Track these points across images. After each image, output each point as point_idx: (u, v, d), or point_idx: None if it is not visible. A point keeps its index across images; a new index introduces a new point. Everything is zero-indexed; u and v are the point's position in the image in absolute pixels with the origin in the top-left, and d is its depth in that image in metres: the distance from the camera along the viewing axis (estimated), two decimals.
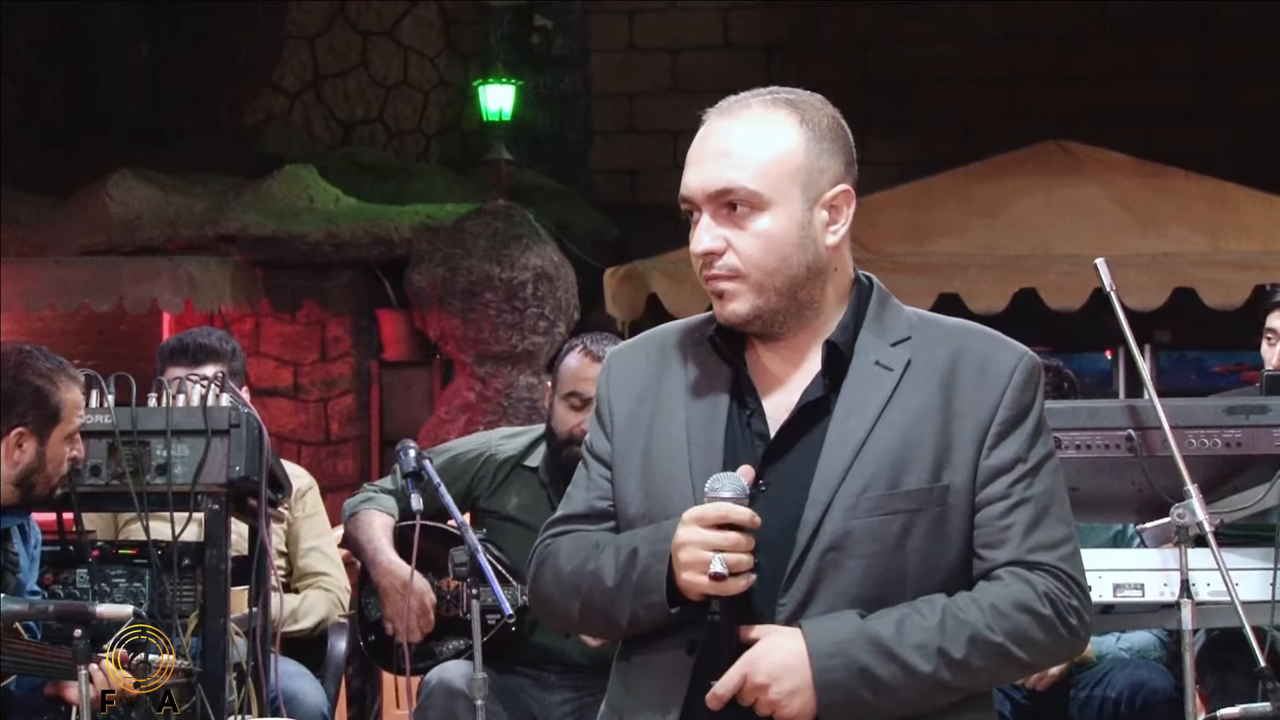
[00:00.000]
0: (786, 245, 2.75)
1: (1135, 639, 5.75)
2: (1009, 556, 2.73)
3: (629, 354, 2.96)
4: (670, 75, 13.13)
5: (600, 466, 2.90)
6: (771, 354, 2.83)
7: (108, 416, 4.49)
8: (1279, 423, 4.34)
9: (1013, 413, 2.77)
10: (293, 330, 11.49)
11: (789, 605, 2.70)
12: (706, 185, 2.76)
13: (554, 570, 2.87)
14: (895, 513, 2.70)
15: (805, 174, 2.78)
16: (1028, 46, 12.91)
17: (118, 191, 11.06)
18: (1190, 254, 9.62)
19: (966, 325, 2.90)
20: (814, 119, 2.84)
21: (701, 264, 2.78)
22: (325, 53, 13.13)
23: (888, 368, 2.77)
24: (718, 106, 2.86)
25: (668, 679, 2.75)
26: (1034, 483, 2.77)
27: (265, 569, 4.69)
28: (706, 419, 2.80)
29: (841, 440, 2.73)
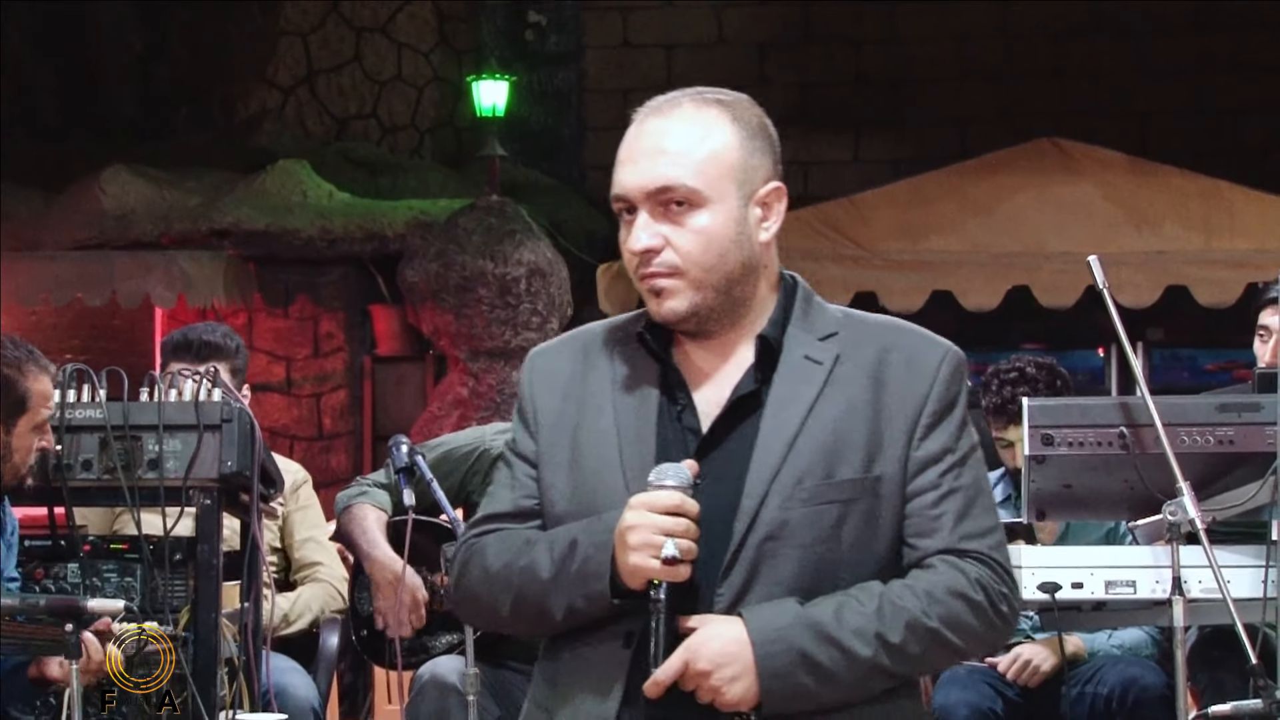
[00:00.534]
0: (724, 242, 2.79)
1: (1127, 636, 5.75)
2: (941, 545, 2.78)
3: (552, 353, 2.98)
4: (664, 72, 13.13)
5: (525, 465, 2.92)
6: (699, 350, 2.86)
7: (99, 411, 4.48)
8: (1271, 420, 4.34)
9: (940, 405, 2.83)
10: (285, 325, 11.49)
11: (727, 594, 2.73)
12: (645, 183, 2.79)
13: (482, 567, 2.88)
14: (830, 503, 2.75)
15: (740, 171, 2.82)
16: (1021, 44, 12.92)
17: (111, 186, 11.05)
18: (1183, 252, 9.63)
19: (892, 321, 2.96)
20: (745, 118, 2.88)
21: (638, 262, 2.80)
22: (319, 48, 13.12)
23: (817, 362, 2.82)
24: (648, 105, 2.89)
25: (604, 672, 2.77)
26: (962, 473, 2.83)
27: (257, 564, 4.69)
28: (636, 414, 2.83)
29: (776, 433, 2.77)
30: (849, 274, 9.69)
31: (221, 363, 5.29)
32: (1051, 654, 5.61)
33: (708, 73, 13.00)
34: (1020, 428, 4.68)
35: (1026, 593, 4.60)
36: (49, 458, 4.45)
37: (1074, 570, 4.59)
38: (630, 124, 2.87)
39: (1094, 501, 4.68)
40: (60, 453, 4.46)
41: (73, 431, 4.47)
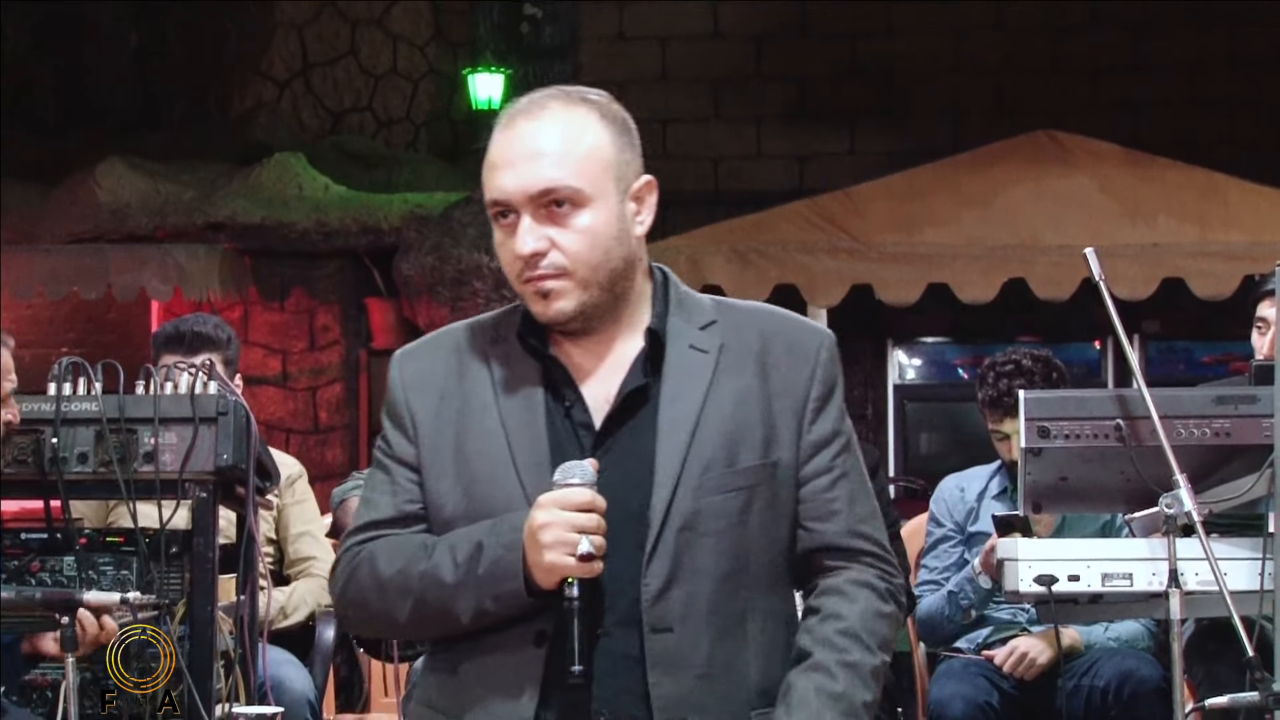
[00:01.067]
0: (608, 239, 2.81)
1: (1123, 629, 5.75)
2: (841, 528, 2.87)
3: (422, 354, 2.98)
4: (660, 65, 13.13)
5: (405, 470, 2.91)
6: (578, 348, 2.88)
7: (95, 404, 4.47)
8: (1268, 413, 4.34)
9: (825, 389, 2.89)
10: (281, 319, 11.48)
11: (654, 584, 2.76)
12: (526, 186, 2.78)
13: (373, 575, 2.86)
14: (736, 490, 2.80)
15: (616, 167, 2.83)
16: (1017, 37, 12.92)
17: (106, 180, 11.04)
18: (1179, 244, 9.63)
19: (765, 307, 3.00)
20: (611, 114, 2.88)
21: (523, 266, 2.80)
22: (314, 41, 13.11)
23: (703, 350, 2.86)
24: (514, 109, 2.88)
25: (516, 673, 2.77)
26: (849, 456, 2.92)
27: (253, 557, 4.68)
28: (523, 413, 2.84)
29: (675, 423, 2.80)
30: (844, 267, 9.69)
31: (213, 354, 5.27)
32: (1048, 647, 5.61)
33: (703, 66, 13.01)
34: (1016, 420, 4.68)
35: (1023, 585, 4.61)
36: (45, 447, 4.44)
37: (1070, 563, 4.59)
38: (497, 126, 2.86)
39: (1090, 494, 4.67)
40: (56, 445, 4.45)
41: (68, 424, 4.46)
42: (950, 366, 12.87)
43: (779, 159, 12.94)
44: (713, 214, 11.10)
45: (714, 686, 2.78)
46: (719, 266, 9.72)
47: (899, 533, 5.94)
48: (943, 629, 5.86)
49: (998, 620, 5.87)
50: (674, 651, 2.76)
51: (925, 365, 12.99)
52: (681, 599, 2.77)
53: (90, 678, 4.48)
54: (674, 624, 2.76)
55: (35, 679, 4.52)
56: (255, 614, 4.70)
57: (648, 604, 2.76)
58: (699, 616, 2.77)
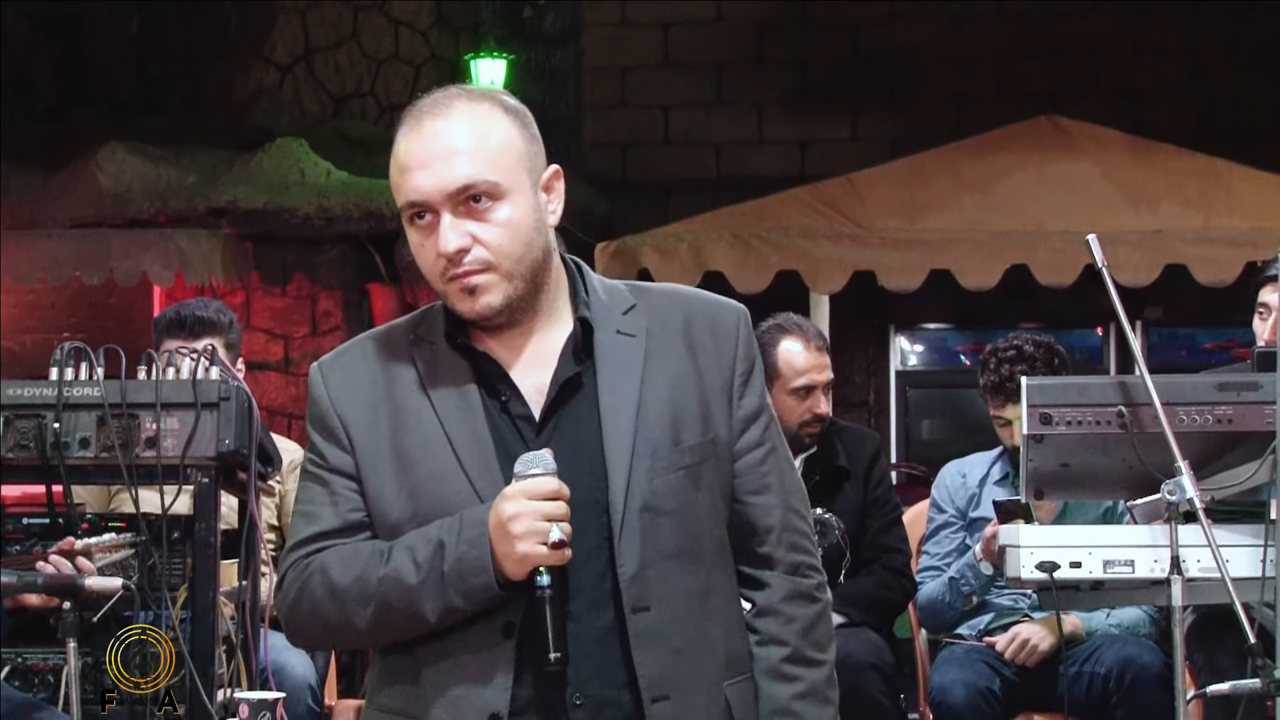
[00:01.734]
0: (528, 230, 2.84)
1: (1125, 615, 5.76)
2: (776, 502, 2.96)
3: (344, 364, 2.98)
4: (662, 51, 13.11)
5: (344, 480, 2.91)
6: (501, 342, 2.90)
7: (96, 389, 4.47)
8: (1270, 399, 4.34)
9: (747, 364, 2.96)
10: (283, 304, 11.48)
11: (627, 565, 2.80)
12: (444, 185, 2.81)
13: (326, 585, 2.86)
14: (685, 468, 2.86)
15: (526, 159, 2.87)
16: (1019, 23, 12.90)
17: (108, 164, 11.03)
18: (1181, 231, 9.62)
19: (679, 288, 3.06)
20: (512, 108, 2.91)
21: (446, 264, 2.82)
22: (316, 26, 13.09)
23: (630, 334, 2.90)
24: (418, 110, 2.91)
25: (484, 666, 2.79)
26: (774, 429, 3.00)
27: (255, 542, 4.68)
28: (461, 412, 2.85)
29: (618, 408, 2.84)
30: (846, 253, 9.68)
31: (215, 338, 5.28)
32: (1049, 633, 5.61)
33: (705, 52, 12.99)
34: (1018, 406, 4.68)
35: (1025, 571, 4.61)
36: (46, 432, 4.44)
37: (1072, 549, 4.59)
38: (402, 129, 2.90)
39: (1092, 481, 4.67)
40: (58, 430, 4.45)
41: (70, 409, 4.45)
42: (952, 353, 12.87)
43: (781, 145, 12.93)
44: (714, 200, 11.10)
45: (689, 662, 2.83)
46: (720, 253, 9.71)
47: (900, 519, 5.95)
48: (944, 615, 5.86)
49: (999, 607, 5.87)
50: (654, 629, 2.80)
51: (927, 351, 12.99)
52: (654, 578, 2.81)
53: (92, 662, 4.48)
54: (651, 603, 2.81)
55: (37, 664, 4.52)
56: (257, 599, 4.70)
57: (626, 584, 2.79)
58: (670, 594, 2.82)
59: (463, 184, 2.80)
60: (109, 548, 4.28)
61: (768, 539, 2.95)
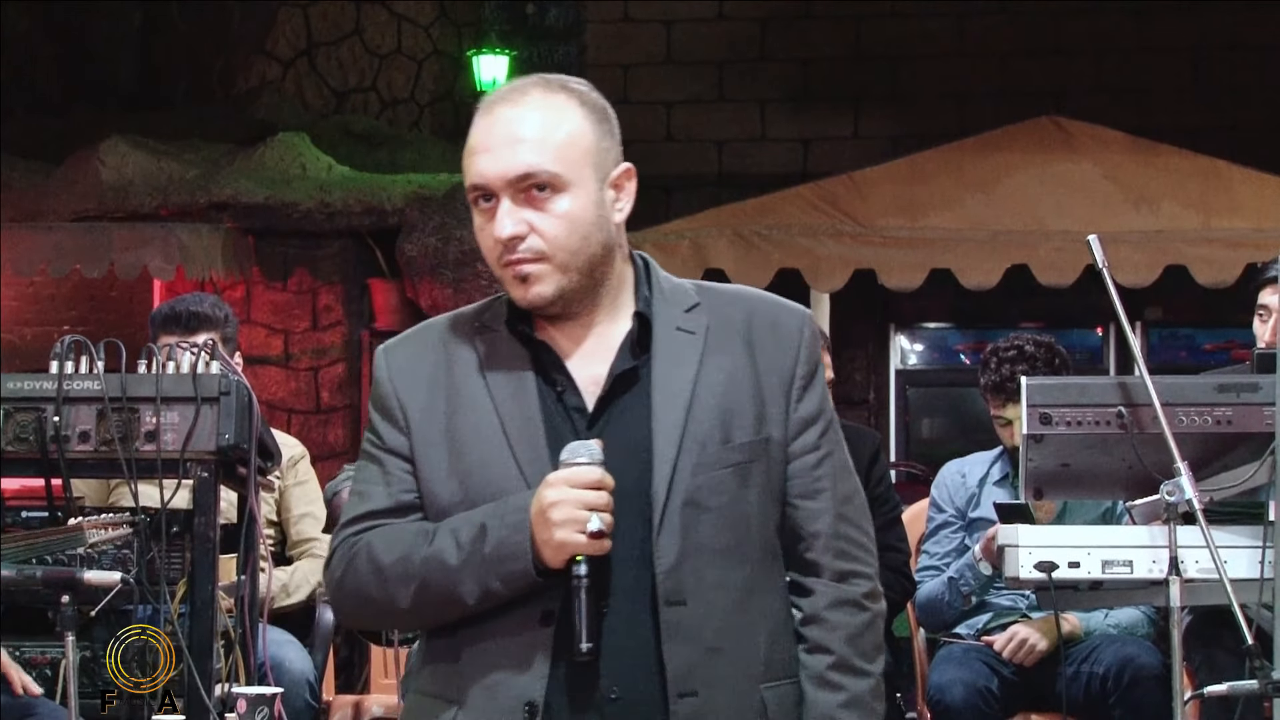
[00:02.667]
0: (586, 225, 2.84)
1: (1123, 616, 5.76)
2: (826, 506, 2.93)
3: (408, 348, 3.00)
4: (664, 47, 13.11)
5: (398, 461, 2.93)
6: (561, 333, 2.91)
7: (97, 382, 4.47)
8: (1269, 400, 4.34)
9: (809, 368, 2.95)
10: (284, 298, 11.47)
11: (665, 558, 2.80)
12: (505, 171, 2.82)
13: (371, 564, 2.88)
14: (733, 465, 2.85)
15: (595, 154, 2.87)
16: (1021, 21, 12.90)
17: (110, 158, 11.03)
18: (1182, 231, 9.61)
19: (745, 289, 3.07)
20: (591, 102, 2.91)
21: (502, 250, 2.83)
22: (319, 20, 13.09)
23: (690, 332, 2.91)
24: (495, 95, 2.93)
25: (523, 653, 2.80)
26: (833, 435, 2.98)
27: (254, 537, 4.68)
28: (516, 399, 2.87)
29: (669, 402, 2.84)
30: (847, 251, 9.68)
31: (211, 333, 5.28)
32: (1047, 633, 5.61)
33: (707, 49, 12.99)
34: (1018, 405, 4.68)
35: (1023, 571, 4.61)
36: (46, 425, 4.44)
37: (1071, 549, 4.59)
38: (477, 112, 2.92)
39: (1091, 481, 4.68)
40: (58, 424, 4.45)
41: (70, 403, 4.46)
42: (953, 352, 12.86)
43: (783, 142, 12.93)
44: (716, 197, 11.09)
45: (724, 660, 2.82)
46: (722, 250, 9.71)
47: (900, 518, 5.95)
48: (943, 615, 5.86)
49: (998, 606, 5.87)
50: (688, 624, 2.80)
51: (927, 350, 12.98)
52: (692, 573, 2.81)
53: (90, 655, 4.48)
54: (687, 597, 2.80)
55: (35, 657, 4.53)
56: (255, 594, 4.70)
57: (662, 577, 2.79)
58: (708, 590, 2.82)
59: (523, 171, 2.81)
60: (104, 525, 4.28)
61: (814, 545, 2.93)
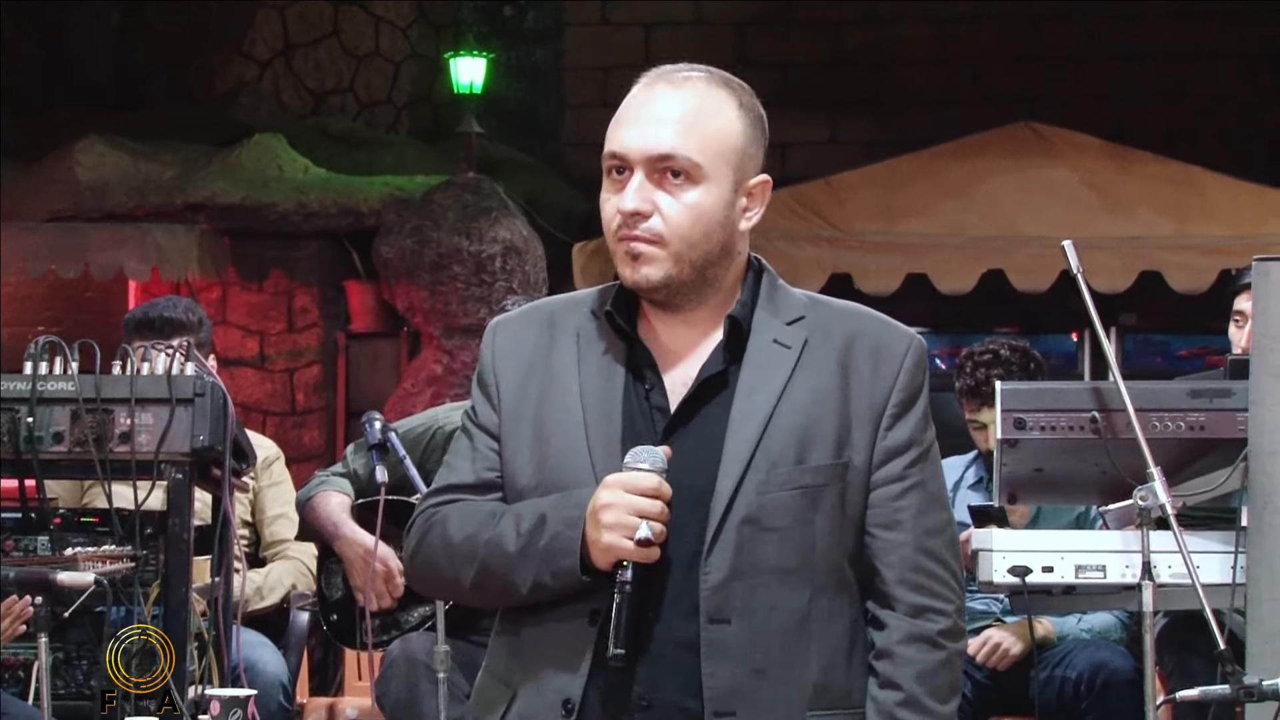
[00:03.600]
0: (711, 222, 2.81)
1: (1096, 620, 5.78)
2: (906, 538, 2.83)
3: (515, 326, 2.98)
4: (643, 51, 13.10)
5: (487, 438, 2.92)
6: (666, 327, 2.88)
7: (71, 383, 4.47)
8: (1243, 406, 4.35)
9: (906, 395, 2.88)
10: (259, 300, 11.45)
11: (713, 574, 2.75)
12: (648, 147, 2.80)
13: (443, 538, 2.88)
14: (803, 488, 2.79)
15: (739, 157, 2.84)
16: (998, 27, 12.91)
17: (86, 158, 11.00)
18: (1157, 237, 9.64)
19: (857, 308, 2.98)
20: (749, 105, 2.90)
21: (621, 223, 2.80)
22: (296, 21, 13.07)
23: (786, 346, 2.85)
24: (658, 71, 2.92)
25: (569, 648, 2.79)
26: (925, 466, 2.88)
27: (228, 539, 4.68)
28: (602, 392, 2.84)
29: (748, 415, 2.79)
30: (825, 255, 9.69)
31: (185, 338, 5.27)
32: (1021, 637, 5.63)
33: (686, 53, 12.95)
34: (993, 410, 4.69)
35: (997, 576, 4.62)
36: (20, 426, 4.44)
37: (1044, 554, 4.60)
38: (637, 85, 2.91)
39: (1065, 485, 4.69)
40: (31, 424, 4.45)
41: (44, 403, 4.46)
42: (929, 356, 12.88)
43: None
44: None
45: (769, 683, 2.77)
46: None
47: None
48: None
49: (971, 611, 5.88)
50: (730, 643, 2.76)
51: None
52: (742, 592, 2.76)
53: (63, 658, 4.48)
54: (732, 616, 2.76)
55: (7, 658, 4.52)
56: (229, 596, 4.70)
57: (707, 594, 2.75)
58: (759, 611, 2.76)
59: (665, 152, 2.78)
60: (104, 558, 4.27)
61: (890, 577, 2.84)
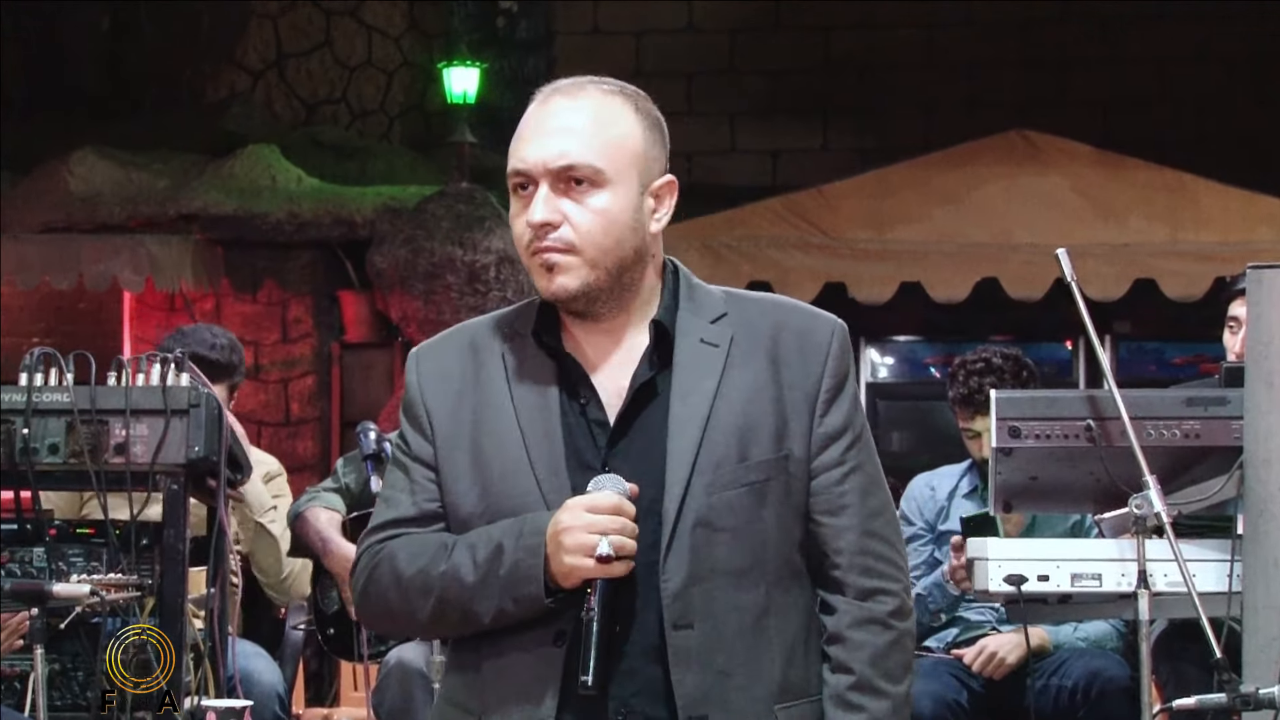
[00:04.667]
0: (621, 226, 2.83)
1: (1092, 629, 5.77)
2: (852, 523, 2.85)
3: (439, 351, 2.96)
4: (634, 59, 13.12)
5: (423, 469, 2.90)
6: (590, 339, 2.88)
7: (66, 395, 4.47)
8: (1238, 415, 4.35)
9: (836, 380, 2.89)
10: (253, 310, 11.45)
11: (672, 580, 2.76)
12: (548, 159, 2.82)
13: (393, 573, 2.86)
14: (749, 484, 2.80)
15: (641, 160, 2.87)
16: (989, 33, 12.94)
17: (79, 168, 11.01)
18: (1150, 245, 9.66)
19: (777, 299, 3.01)
20: (645, 110, 2.92)
21: (532, 236, 2.81)
22: (289, 31, 13.08)
23: (714, 344, 2.86)
24: (551, 86, 2.93)
25: (536, 672, 2.78)
26: (861, 449, 2.91)
27: (223, 549, 4.68)
28: (538, 412, 2.83)
29: (687, 419, 2.80)
30: (816, 263, 9.70)
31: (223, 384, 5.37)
32: (1017, 646, 5.62)
33: (678, 60, 13.00)
34: (987, 418, 4.69)
35: (993, 584, 4.62)
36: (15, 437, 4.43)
37: (1040, 563, 4.60)
38: (532, 103, 2.92)
39: (1060, 494, 4.69)
40: (27, 436, 4.44)
41: (39, 415, 4.45)
42: (922, 365, 12.88)
43: (752, 154, 12.95)
44: (686, 209, 10.99)
45: (736, 683, 2.78)
46: (692, 262, 9.58)
47: None
48: None
49: (967, 620, 5.88)
50: (696, 648, 2.76)
51: (897, 363, 12.99)
52: (701, 595, 2.77)
53: (59, 669, 4.47)
54: (695, 620, 2.77)
55: (4, 670, 4.51)
56: (225, 606, 4.70)
57: (668, 600, 2.76)
58: (719, 613, 2.78)
59: (566, 162, 2.80)
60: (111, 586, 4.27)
61: (839, 562, 2.86)
